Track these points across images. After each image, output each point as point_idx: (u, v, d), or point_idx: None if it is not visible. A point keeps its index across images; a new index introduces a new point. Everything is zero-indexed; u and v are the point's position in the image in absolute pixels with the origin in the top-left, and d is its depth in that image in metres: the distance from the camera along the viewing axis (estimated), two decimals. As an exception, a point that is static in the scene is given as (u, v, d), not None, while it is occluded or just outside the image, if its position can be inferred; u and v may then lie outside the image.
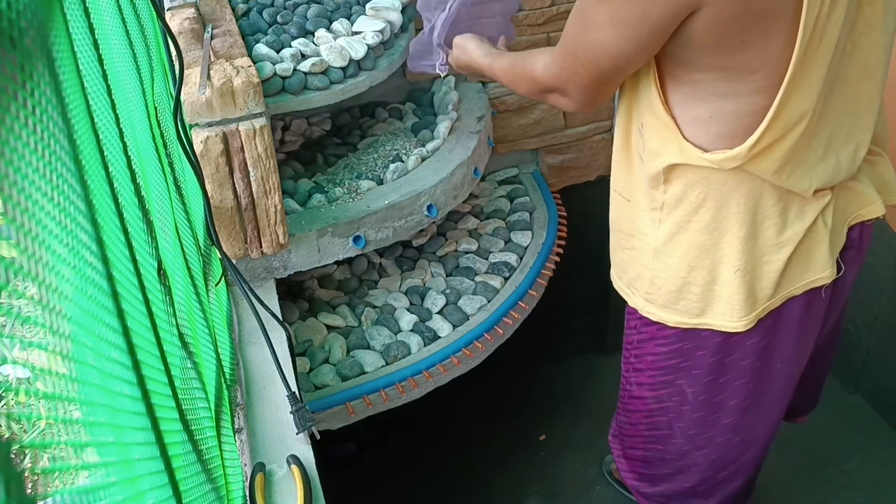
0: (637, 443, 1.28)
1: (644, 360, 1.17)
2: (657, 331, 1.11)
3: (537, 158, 1.82)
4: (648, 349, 1.15)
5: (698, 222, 0.99)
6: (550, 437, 1.97)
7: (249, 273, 1.31)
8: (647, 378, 1.18)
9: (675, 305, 1.06)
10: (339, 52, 1.32)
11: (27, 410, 0.43)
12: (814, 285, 1.04)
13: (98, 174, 0.49)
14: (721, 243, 0.99)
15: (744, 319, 1.02)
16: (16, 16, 0.34)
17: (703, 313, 1.05)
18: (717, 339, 1.06)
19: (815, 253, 1.02)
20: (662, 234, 1.02)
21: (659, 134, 0.97)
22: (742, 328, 1.03)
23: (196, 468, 0.65)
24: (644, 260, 1.07)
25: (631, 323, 1.17)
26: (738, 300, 1.01)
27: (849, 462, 1.81)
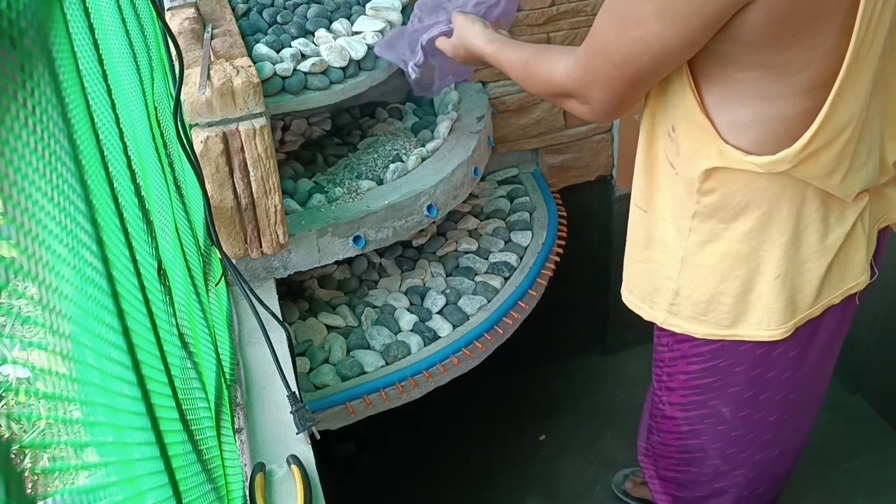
0: (670, 464, 1.24)
1: (676, 379, 1.12)
2: (690, 348, 1.07)
3: (537, 158, 1.82)
4: (681, 367, 1.10)
5: (736, 230, 0.95)
6: (550, 437, 1.97)
7: (249, 273, 1.31)
8: (679, 398, 1.14)
9: (703, 317, 1.02)
10: (339, 52, 1.32)
11: (27, 410, 0.43)
12: (850, 292, 1.01)
13: (98, 174, 0.49)
14: (760, 251, 0.96)
15: (782, 327, 0.99)
16: (16, 16, 0.34)
17: (735, 324, 1.01)
18: (757, 352, 1.02)
19: (854, 258, 0.99)
20: (692, 244, 0.98)
21: (694, 138, 0.92)
22: (779, 336, 0.99)
23: (196, 468, 0.65)
24: (666, 271, 1.03)
25: (662, 340, 1.12)
26: (777, 308, 0.98)
27: (849, 462, 1.81)
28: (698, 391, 1.10)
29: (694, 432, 1.15)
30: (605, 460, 1.90)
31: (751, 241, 0.95)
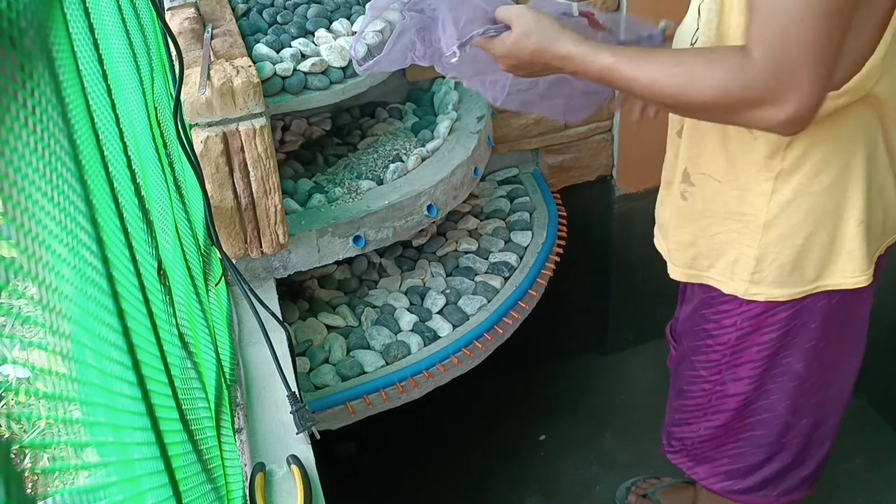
0: (726, 441, 1.21)
1: (746, 354, 1.10)
2: (766, 318, 1.05)
3: (537, 158, 1.82)
4: (752, 341, 1.08)
5: (821, 183, 0.94)
6: (550, 437, 1.97)
7: (249, 273, 1.31)
8: (748, 371, 1.11)
9: (788, 278, 1.01)
10: (339, 52, 1.32)
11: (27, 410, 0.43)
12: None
13: (98, 174, 0.49)
14: (844, 200, 0.96)
15: (866, 273, 1.01)
16: (16, 16, 0.34)
17: (820, 276, 1.01)
18: (833, 302, 1.03)
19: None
20: (775, 206, 0.96)
21: None
22: (864, 283, 1.01)
23: (196, 468, 0.65)
24: (746, 240, 0.99)
25: (725, 323, 1.08)
26: (860, 254, 0.99)
27: (849, 462, 1.81)
28: (770, 358, 1.08)
29: (763, 395, 1.13)
30: (605, 460, 1.90)
31: (835, 192, 0.95)
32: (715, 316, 1.09)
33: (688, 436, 1.25)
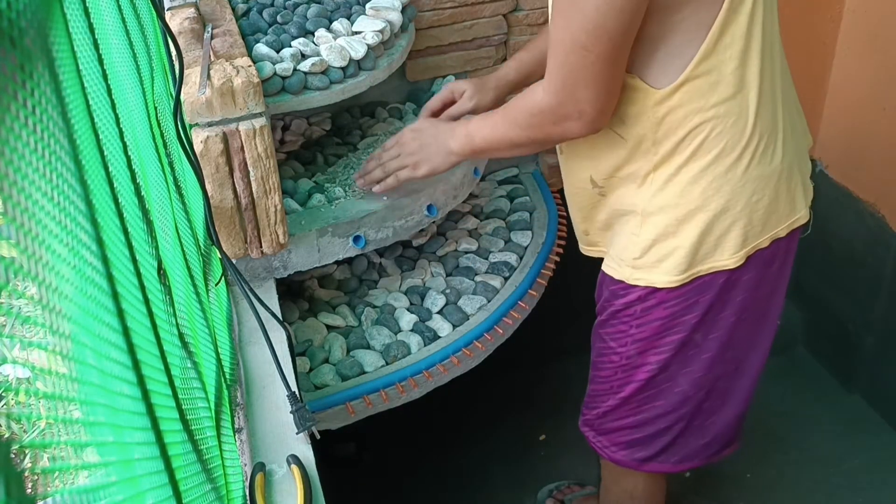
0: (628, 410, 1.28)
1: (649, 328, 1.17)
2: (666, 294, 1.13)
3: (537, 158, 1.82)
4: (655, 315, 1.16)
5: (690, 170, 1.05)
6: (550, 437, 1.97)
7: (249, 273, 1.31)
8: (652, 343, 1.19)
9: (663, 263, 1.10)
10: (339, 52, 1.32)
11: (27, 410, 0.43)
12: (794, 226, 1.13)
13: (98, 174, 0.49)
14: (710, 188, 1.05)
15: (735, 255, 1.09)
16: (16, 16, 0.34)
17: (696, 262, 1.09)
18: (720, 281, 1.11)
19: (796, 195, 1.12)
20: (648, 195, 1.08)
21: (631, 99, 1.02)
22: (734, 264, 1.09)
23: (196, 468, 0.65)
24: (631, 228, 1.12)
25: (630, 297, 1.16)
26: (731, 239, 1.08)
27: (849, 462, 1.81)
28: (674, 330, 1.16)
29: (664, 366, 1.20)
30: (605, 460, 1.89)
31: (701, 180, 1.04)
32: (622, 291, 1.17)
33: (596, 408, 1.32)
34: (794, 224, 1.13)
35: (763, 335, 1.23)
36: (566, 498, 1.76)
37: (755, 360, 1.25)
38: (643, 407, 1.26)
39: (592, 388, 1.33)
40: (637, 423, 1.28)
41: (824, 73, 1.83)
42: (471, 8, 1.60)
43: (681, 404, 1.24)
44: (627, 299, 1.16)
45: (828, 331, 2.03)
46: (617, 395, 1.26)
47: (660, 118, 1.02)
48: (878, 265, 1.79)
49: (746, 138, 1.03)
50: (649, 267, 1.11)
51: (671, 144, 1.03)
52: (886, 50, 1.67)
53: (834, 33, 1.77)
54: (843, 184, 1.86)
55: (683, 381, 1.21)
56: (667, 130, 1.03)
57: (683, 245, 1.08)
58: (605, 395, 1.29)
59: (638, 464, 1.32)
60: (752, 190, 1.06)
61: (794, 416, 1.95)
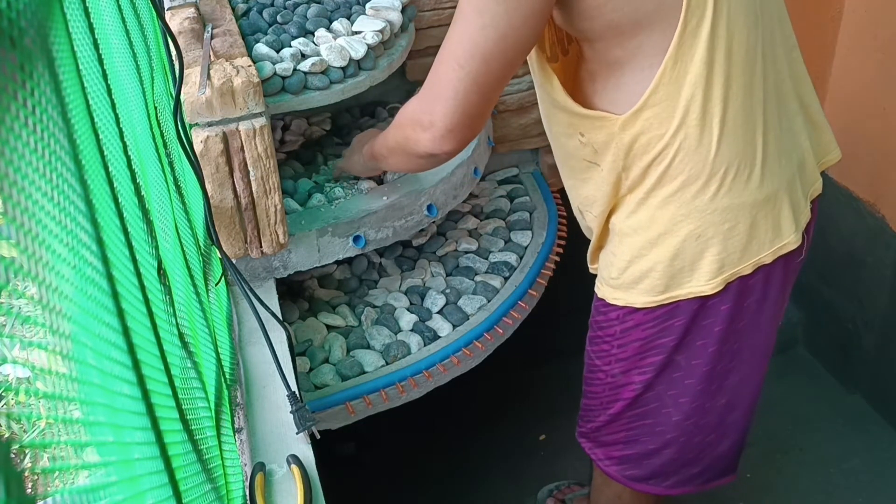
0: (620, 426, 1.28)
1: (630, 348, 1.17)
2: (643, 315, 1.12)
3: (537, 158, 1.82)
4: (635, 335, 1.15)
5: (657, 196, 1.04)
6: (550, 437, 1.97)
7: (249, 273, 1.31)
8: (634, 363, 1.18)
9: (639, 285, 1.10)
10: (339, 52, 1.32)
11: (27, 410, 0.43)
12: (781, 252, 1.08)
13: (98, 174, 0.49)
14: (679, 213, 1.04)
15: (711, 283, 1.07)
16: (16, 16, 0.34)
17: (670, 287, 1.08)
18: (695, 307, 1.09)
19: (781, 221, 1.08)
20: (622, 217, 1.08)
21: (598, 127, 1.02)
22: (710, 291, 1.07)
23: (196, 468, 0.65)
24: (611, 247, 1.12)
25: (611, 315, 1.16)
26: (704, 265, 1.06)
27: (849, 462, 1.81)
28: (653, 352, 1.15)
29: (649, 386, 1.19)
30: (605, 460, 1.89)
31: (669, 205, 1.03)
32: (604, 308, 1.17)
33: (590, 421, 1.32)
34: (781, 250, 1.08)
35: (752, 368, 1.20)
36: (566, 498, 1.76)
37: (746, 394, 1.23)
38: (634, 424, 1.25)
39: (585, 402, 1.33)
40: (629, 438, 1.28)
41: (824, 73, 1.83)
42: (471, 8, 1.60)
43: (671, 428, 1.23)
44: (608, 317, 1.16)
45: (828, 331, 2.03)
46: (607, 411, 1.27)
47: (626, 145, 1.00)
48: (878, 265, 1.79)
49: (710, 167, 1.00)
50: (626, 287, 1.11)
51: (639, 170, 1.02)
52: (886, 50, 1.67)
53: (834, 33, 1.77)
54: (843, 184, 1.86)
55: (671, 404, 1.20)
56: (633, 157, 1.01)
57: (656, 268, 1.06)
58: (596, 409, 1.30)
59: (628, 481, 1.32)
60: (723, 218, 1.03)
61: (794, 416, 1.94)
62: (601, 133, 1.02)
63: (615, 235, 1.10)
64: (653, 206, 1.04)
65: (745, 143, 1.01)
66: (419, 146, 1.03)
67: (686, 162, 1.00)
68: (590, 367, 1.27)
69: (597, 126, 1.02)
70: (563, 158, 1.13)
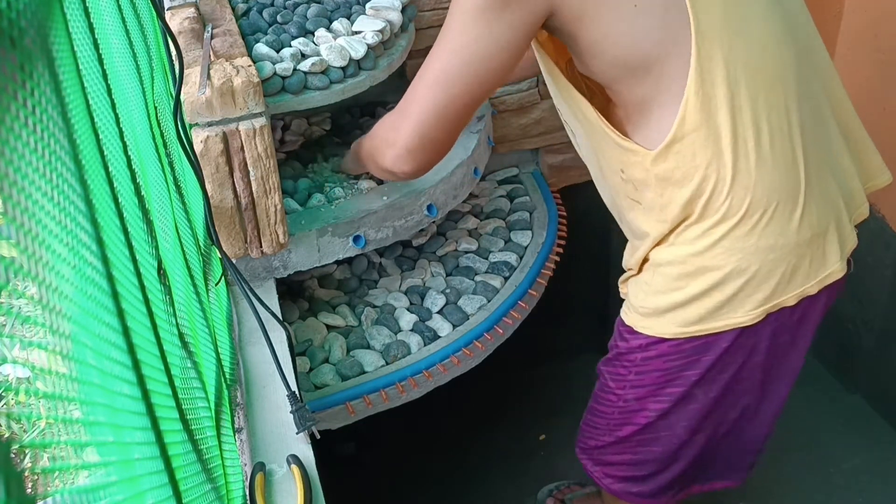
0: (627, 448, 1.25)
1: (649, 377, 1.14)
2: (668, 347, 1.09)
3: (537, 158, 1.82)
4: (655, 366, 1.12)
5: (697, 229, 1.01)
6: (550, 437, 1.97)
7: (249, 273, 1.31)
8: (650, 392, 1.16)
9: (673, 315, 1.07)
10: (339, 52, 1.32)
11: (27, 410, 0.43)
12: (826, 282, 1.05)
13: (98, 174, 0.49)
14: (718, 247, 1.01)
15: (751, 313, 1.04)
16: (16, 16, 0.34)
17: (706, 319, 1.05)
18: (730, 339, 1.06)
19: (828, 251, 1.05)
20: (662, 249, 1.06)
21: (635, 163, 1.00)
22: (750, 322, 1.04)
23: (196, 468, 0.65)
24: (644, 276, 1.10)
25: (633, 343, 1.13)
26: (745, 296, 1.03)
27: (849, 462, 1.81)
28: (674, 384, 1.13)
29: (664, 415, 1.17)
30: (605, 460, 1.89)
31: (707, 239, 1.00)
32: (627, 334, 1.15)
33: (593, 439, 1.30)
34: (827, 280, 1.04)
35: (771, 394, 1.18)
36: (566, 497, 1.76)
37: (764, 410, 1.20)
38: (640, 448, 1.23)
39: (590, 419, 1.31)
40: (634, 461, 1.26)
41: (824, 73, 1.83)
42: (471, 8, 1.60)
43: (679, 447, 1.21)
44: (630, 345, 1.14)
45: (828, 331, 2.03)
46: (615, 433, 1.24)
47: (661, 180, 0.99)
48: (878, 265, 1.79)
49: (750, 197, 0.97)
50: (657, 316, 1.08)
51: (678, 207, 0.99)
52: (886, 49, 1.67)
53: (834, 32, 1.77)
54: (843, 184, 1.86)
55: (681, 429, 1.18)
56: (671, 193, 0.99)
57: (692, 301, 1.03)
58: (602, 429, 1.27)
59: (634, 497, 1.30)
60: (768, 256, 1.00)
61: (794, 416, 1.94)
62: (636, 170, 1.00)
63: (650, 264, 1.08)
64: (692, 239, 1.01)
65: (785, 171, 0.98)
66: (383, 160, 1.06)
67: (725, 193, 0.97)
68: (602, 386, 1.24)
69: (633, 161, 1.00)
70: (612, 199, 1.12)
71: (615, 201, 1.11)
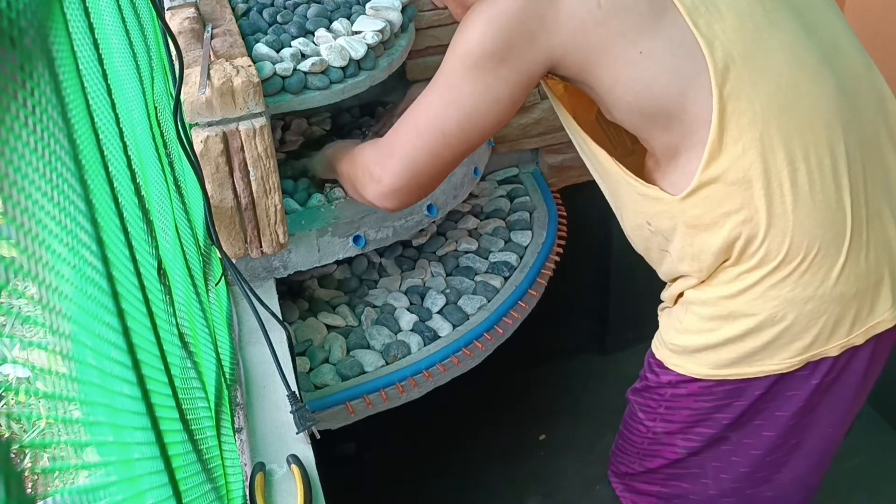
0: (656, 480, 1.21)
1: (679, 414, 1.09)
2: (699, 388, 1.05)
3: (537, 158, 1.82)
4: (685, 404, 1.08)
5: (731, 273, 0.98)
6: (550, 437, 1.97)
7: (249, 273, 1.31)
8: (680, 428, 1.11)
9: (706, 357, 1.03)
10: (339, 52, 1.32)
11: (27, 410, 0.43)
12: (874, 332, 0.98)
13: (98, 174, 0.49)
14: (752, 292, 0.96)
15: (786, 361, 0.98)
16: (16, 16, 0.34)
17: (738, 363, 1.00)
18: (763, 387, 1.01)
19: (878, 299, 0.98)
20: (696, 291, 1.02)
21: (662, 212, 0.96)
22: (785, 369, 0.98)
23: (196, 468, 0.65)
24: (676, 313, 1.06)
25: (663, 378, 1.09)
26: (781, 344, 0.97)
27: (849, 462, 1.81)
28: (704, 424, 1.08)
29: (694, 453, 1.13)
30: (604, 460, 1.89)
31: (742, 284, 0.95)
32: (658, 368, 1.11)
33: (624, 465, 1.26)
34: (874, 330, 0.96)
35: (810, 465, 1.10)
36: None
37: (796, 494, 1.14)
38: (670, 482, 1.19)
39: (621, 444, 1.26)
40: (663, 494, 1.21)
41: (824, 73, 1.82)
42: (471, 8, 1.60)
43: (705, 500, 1.16)
44: (661, 379, 1.09)
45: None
46: (644, 463, 1.20)
47: (690, 227, 0.94)
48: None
49: (788, 242, 0.90)
50: (687, 355, 1.03)
51: (710, 256, 0.94)
52: (886, 50, 1.67)
53: (834, 33, 1.77)
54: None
55: (711, 475, 1.12)
56: (702, 243, 0.94)
57: (724, 344, 0.98)
58: (632, 457, 1.23)
59: None
60: (801, 309, 0.93)
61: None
62: (664, 218, 0.96)
63: (683, 301, 1.03)
64: (726, 282, 0.96)
65: (828, 213, 0.91)
66: (365, 192, 1.06)
67: (761, 239, 0.91)
68: (631, 414, 1.20)
69: (659, 210, 0.96)
70: (644, 252, 1.08)
71: (647, 254, 1.07)
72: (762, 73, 0.88)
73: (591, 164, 1.04)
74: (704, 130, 0.88)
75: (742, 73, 0.87)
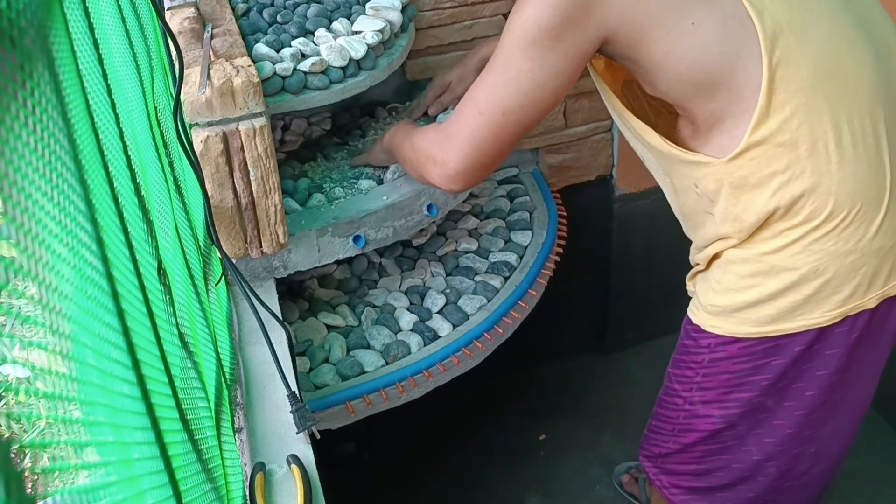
0: (692, 458, 1.22)
1: (716, 380, 1.11)
2: (738, 349, 1.07)
3: (537, 158, 1.82)
4: (723, 367, 1.10)
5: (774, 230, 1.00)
6: (550, 437, 1.97)
7: (249, 273, 1.31)
8: (717, 395, 1.13)
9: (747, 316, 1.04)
10: (339, 52, 1.32)
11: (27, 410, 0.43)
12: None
13: (98, 174, 0.49)
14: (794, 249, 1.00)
15: (827, 314, 1.01)
16: (16, 16, 0.34)
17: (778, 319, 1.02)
18: (803, 343, 1.03)
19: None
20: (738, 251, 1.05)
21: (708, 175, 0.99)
22: (826, 322, 1.01)
23: (196, 468, 0.65)
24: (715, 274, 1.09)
25: (702, 342, 1.11)
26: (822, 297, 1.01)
27: (849, 462, 1.81)
28: (742, 388, 1.09)
29: (731, 424, 1.14)
30: (605, 460, 1.90)
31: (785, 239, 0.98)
32: (695, 333, 1.12)
33: (657, 445, 1.27)
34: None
35: (850, 417, 1.14)
36: (641, 477, 1.76)
37: (837, 445, 1.17)
38: (707, 458, 1.20)
39: (655, 424, 1.28)
40: (699, 471, 1.22)
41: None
42: (471, 8, 1.60)
43: (749, 467, 1.17)
44: (699, 344, 1.11)
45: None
46: (679, 439, 1.21)
47: (735, 188, 0.97)
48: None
49: (833, 201, 0.94)
50: (726, 315, 1.05)
51: (753, 216, 0.98)
52: None
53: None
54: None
55: (753, 443, 1.14)
56: (746, 202, 0.97)
57: (766, 300, 1.01)
58: (667, 435, 1.24)
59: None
60: (847, 260, 0.97)
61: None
62: (710, 180, 0.99)
63: (721, 261, 1.06)
64: (767, 238, 0.99)
65: (870, 172, 0.95)
66: (429, 177, 1.07)
67: (805, 197, 0.95)
68: (667, 389, 1.21)
69: (705, 173, 0.99)
70: (688, 216, 1.10)
71: (690, 217, 1.09)
72: (808, 41, 0.91)
73: (634, 138, 1.07)
74: (752, 96, 0.91)
75: (790, 41, 0.90)
